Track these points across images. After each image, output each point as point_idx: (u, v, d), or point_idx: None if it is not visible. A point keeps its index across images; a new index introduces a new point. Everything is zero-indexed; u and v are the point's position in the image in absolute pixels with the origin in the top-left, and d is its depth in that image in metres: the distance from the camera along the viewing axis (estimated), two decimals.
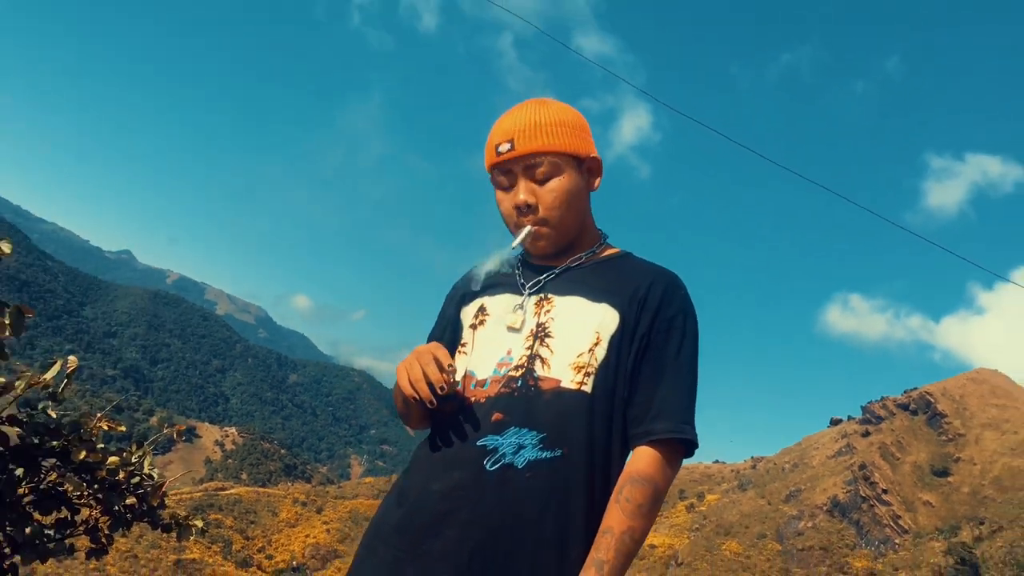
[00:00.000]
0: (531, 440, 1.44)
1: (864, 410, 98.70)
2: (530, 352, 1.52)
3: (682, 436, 1.44)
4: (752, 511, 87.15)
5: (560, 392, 1.47)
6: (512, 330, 1.56)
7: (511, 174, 1.57)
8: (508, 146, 1.55)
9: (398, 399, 1.63)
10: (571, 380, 1.47)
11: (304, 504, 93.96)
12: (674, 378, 1.49)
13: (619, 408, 1.48)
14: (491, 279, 1.68)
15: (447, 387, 1.42)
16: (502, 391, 1.50)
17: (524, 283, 1.62)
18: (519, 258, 1.70)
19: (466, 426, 1.49)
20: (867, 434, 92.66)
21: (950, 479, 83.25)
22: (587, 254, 1.63)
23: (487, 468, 1.43)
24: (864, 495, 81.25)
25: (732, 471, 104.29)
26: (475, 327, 1.64)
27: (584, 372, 1.47)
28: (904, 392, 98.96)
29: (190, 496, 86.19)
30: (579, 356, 1.49)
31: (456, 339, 1.69)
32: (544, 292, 1.59)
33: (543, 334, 1.53)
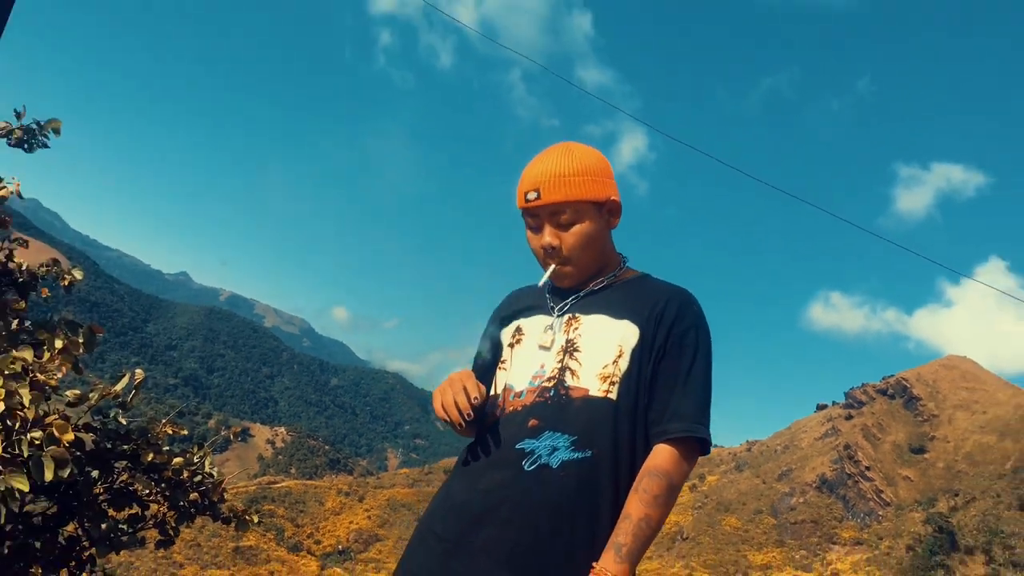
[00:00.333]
0: (564, 442, 1.47)
1: (847, 396, 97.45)
2: (561, 365, 1.56)
3: (695, 434, 1.47)
4: (749, 489, 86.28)
5: (588, 399, 1.50)
6: (543, 348, 1.61)
7: (538, 218, 1.61)
8: (535, 195, 1.58)
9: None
10: (598, 389, 1.51)
11: (347, 494, 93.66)
12: (687, 384, 1.51)
13: (640, 413, 1.51)
14: (528, 301, 1.74)
15: (472, 414, 1.48)
16: (537, 400, 1.54)
17: (554, 306, 1.67)
18: (549, 284, 1.73)
19: (506, 432, 1.53)
20: (850, 417, 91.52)
21: (926, 456, 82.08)
22: (608, 278, 1.66)
23: (525, 469, 1.46)
24: (849, 472, 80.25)
25: (729, 454, 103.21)
26: (512, 346, 1.68)
27: (609, 382, 1.51)
28: (882, 379, 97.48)
29: (246, 490, 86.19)
30: (604, 368, 1.52)
31: (497, 356, 1.73)
32: (572, 312, 1.62)
33: (572, 349, 1.57)
